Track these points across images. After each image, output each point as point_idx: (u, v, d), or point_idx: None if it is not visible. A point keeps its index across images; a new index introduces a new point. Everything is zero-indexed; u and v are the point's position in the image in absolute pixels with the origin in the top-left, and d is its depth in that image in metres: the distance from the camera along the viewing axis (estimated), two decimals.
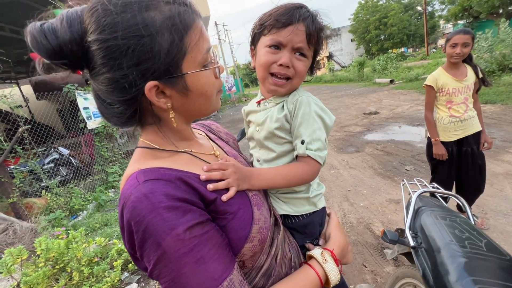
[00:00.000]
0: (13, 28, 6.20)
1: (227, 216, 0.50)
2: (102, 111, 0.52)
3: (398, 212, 2.70)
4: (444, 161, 2.08)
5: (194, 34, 0.48)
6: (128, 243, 0.45)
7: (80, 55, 0.44)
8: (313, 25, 0.63)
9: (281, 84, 0.66)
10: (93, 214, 3.85)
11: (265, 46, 0.66)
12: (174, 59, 0.46)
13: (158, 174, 0.46)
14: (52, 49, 0.42)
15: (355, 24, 34.52)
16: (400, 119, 6.20)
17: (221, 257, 0.45)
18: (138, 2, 0.43)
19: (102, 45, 0.42)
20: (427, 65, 14.28)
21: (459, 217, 1.17)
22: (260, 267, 0.55)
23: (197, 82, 0.51)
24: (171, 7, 0.46)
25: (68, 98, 4.79)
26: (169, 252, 0.41)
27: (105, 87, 0.47)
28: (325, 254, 0.61)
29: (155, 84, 0.46)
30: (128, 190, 0.44)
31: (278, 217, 0.66)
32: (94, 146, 5.15)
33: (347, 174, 3.86)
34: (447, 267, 0.90)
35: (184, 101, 0.52)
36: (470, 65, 2.02)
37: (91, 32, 0.43)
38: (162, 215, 0.41)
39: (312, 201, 0.72)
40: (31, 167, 3.84)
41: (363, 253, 2.23)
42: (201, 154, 0.60)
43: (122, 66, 0.44)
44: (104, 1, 0.42)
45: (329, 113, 0.69)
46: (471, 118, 2.02)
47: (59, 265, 2.18)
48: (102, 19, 0.42)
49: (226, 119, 12.32)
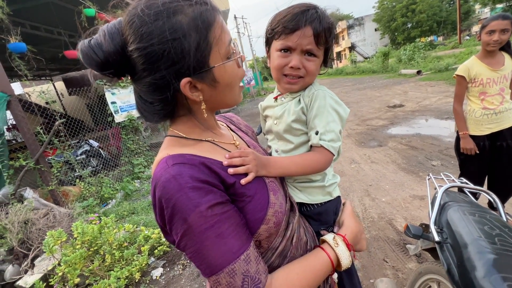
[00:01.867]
0: (47, 28, 6.62)
1: (245, 199, 0.55)
2: (144, 110, 0.57)
3: (423, 208, 2.60)
4: (474, 156, 1.97)
5: (216, 30, 0.52)
6: (159, 217, 0.51)
7: (123, 63, 0.51)
8: (320, 26, 0.66)
9: (294, 82, 0.71)
10: (121, 203, 4.10)
11: (277, 50, 0.70)
12: (202, 55, 0.51)
13: (184, 159, 0.52)
14: (100, 62, 0.49)
15: (379, 12, 32.86)
16: (427, 112, 5.89)
17: (238, 234, 0.50)
18: (166, 9, 0.48)
19: (142, 53, 0.48)
20: (459, 54, 13.33)
21: (490, 213, 1.12)
22: (275, 248, 0.59)
23: (224, 73, 0.56)
24: (194, 8, 0.50)
25: (97, 93, 5.08)
26: (194, 227, 0.46)
27: (146, 89, 0.53)
28: (337, 238, 0.65)
29: (189, 80, 0.51)
30: (159, 172, 0.50)
31: (295, 203, 0.70)
32: (121, 138, 5.43)
33: (369, 168, 3.77)
34: (474, 263, 0.88)
35: (213, 93, 0.57)
36: (508, 52, 1.87)
37: (131, 42, 0.49)
38: (187, 194, 0.46)
39: (327, 191, 0.75)
40: (67, 158, 4.15)
41: (384, 248, 2.19)
42: (222, 143, 0.65)
43: (160, 68, 0.49)
44: (139, 13, 0.48)
45: (344, 106, 0.72)
46: (508, 110, 1.88)
47: (93, 248, 2.38)
48: (140, 29, 0.47)
49: (245, 112, 12.39)
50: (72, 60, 5.79)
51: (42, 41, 6.95)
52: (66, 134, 4.03)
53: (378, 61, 18.29)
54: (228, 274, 0.47)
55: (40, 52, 5.36)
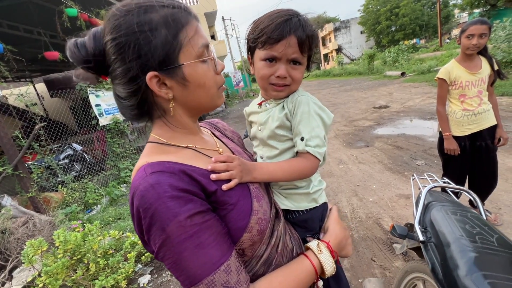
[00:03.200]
0: (27, 28, 6.36)
1: (227, 207, 0.54)
2: (119, 107, 0.59)
3: (408, 207, 2.67)
4: (456, 156, 2.04)
5: (189, 31, 0.54)
6: (137, 227, 0.50)
7: (101, 58, 0.53)
8: (304, 34, 0.65)
9: (280, 90, 0.71)
10: (106, 208, 3.97)
11: (261, 59, 0.69)
12: (170, 51, 0.52)
13: (163, 167, 0.51)
14: (82, 58, 0.52)
15: (365, 16, 33.69)
16: (411, 113, 6.06)
17: (219, 244, 0.49)
18: (138, 7, 0.51)
19: (112, 43, 0.51)
20: (441, 57, 13.84)
21: (470, 212, 1.15)
22: (260, 256, 0.58)
23: (195, 73, 0.55)
24: (167, 10, 0.53)
25: (80, 96, 4.91)
26: (172, 237, 0.46)
27: (118, 81, 0.54)
28: (321, 245, 0.64)
29: (155, 74, 0.52)
30: (137, 181, 0.49)
31: (280, 210, 0.69)
32: (106, 142, 5.28)
33: (356, 169, 3.83)
34: (457, 261, 0.90)
35: (184, 92, 0.56)
36: (485, 56, 1.95)
37: (105, 35, 0.52)
38: (166, 203, 0.46)
39: (313, 197, 0.75)
40: (48, 163, 3.98)
41: (372, 247, 2.23)
42: (205, 150, 0.64)
43: (127, 60, 0.51)
44: (114, 10, 0.52)
45: (328, 111, 0.73)
46: (486, 111, 1.96)
47: (77, 256, 2.28)
48: (112, 22, 0.51)
49: (234, 114, 12.35)
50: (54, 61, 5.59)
51: (22, 41, 6.67)
52: (47, 138, 3.87)
53: (364, 63, 18.71)
54: (207, 286, 0.46)
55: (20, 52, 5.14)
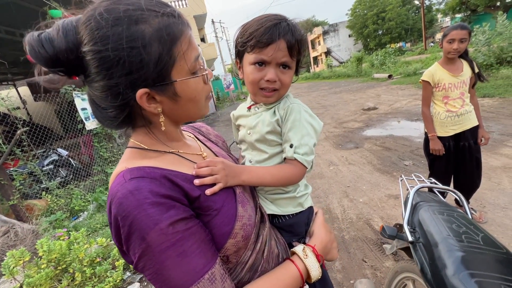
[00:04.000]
0: (9, 30, 6.14)
1: (211, 213, 0.52)
2: (97, 115, 0.54)
3: (397, 207, 2.71)
4: (442, 156, 2.09)
5: (183, 44, 0.51)
6: (115, 237, 0.47)
7: (75, 63, 0.47)
8: (293, 38, 0.66)
9: (270, 95, 0.71)
10: (94, 215, 3.85)
11: (250, 63, 0.69)
12: (163, 68, 0.49)
13: (143, 172, 0.49)
14: (49, 58, 0.45)
15: (352, 19, 34.40)
16: (398, 114, 6.21)
17: (203, 252, 0.47)
18: (128, 17, 0.46)
19: (96, 56, 0.45)
20: (425, 60, 14.26)
21: (456, 211, 1.18)
22: (245, 262, 0.57)
23: (186, 88, 0.53)
24: (160, 20, 0.48)
25: (66, 99, 4.77)
26: (153, 246, 0.43)
27: (99, 93, 0.49)
28: (307, 249, 0.63)
29: (146, 91, 0.49)
30: (115, 187, 0.46)
31: (265, 214, 0.69)
32: (93, 146, 5.14)
33: (347, 170, 3.88)
34: (445, 261, 0.92)
35: (174, 106, 0.54)
36: (466, 60, 2.03)
37: (85, 43, 0.46)
38: (146, 210, 0.43)
39: (299, 202, 0.75)
40: (31, 169, 3.84)
41: (363, 248, 2.25)
42: (188, 155, 0.62)
43: (114, 75, 0.46)
44: (97, 16, 0.45)
45: (318, 120, 0.73)
46: (468, 113, 2.03)
47: (61, 266, 2.20)
48: (95, 32, 0.45)
49: (225, 117, 12.31)
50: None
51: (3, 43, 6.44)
52: (30, 143, 3.74)
53: (352, 65, 19.06)
54: None
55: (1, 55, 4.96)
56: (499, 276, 0.82)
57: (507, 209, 2.35)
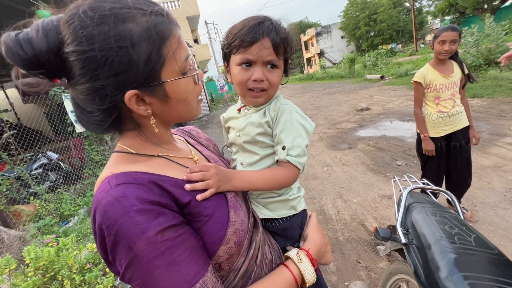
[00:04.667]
0: None
1: (201, 219, 0.51)
2: (81, 119, 0.51)
3: (391, 207, 2.73)
4: (434, 156, 2.11)
5: (172, 44, 0.49)
6: (100, 247, 0.45)
7: (57, 65, 0.45)
8: (277, 37, 0.65)
9: (259, 95, 0.70)
10: (84, 220, 3.77)
11: (237, 64, 0.68)
12: (153, 69, 0.47)
13: (130, 178, 0.47)
14: (28, 59, 0.43)
15: (345, 21, 34.81)
16: (391, 115, 6.28)
17: (194, 260, 0.45)
18: (115, 15, 0.43)
19: (80, 57, 0.43)
20: (416, 61, 14.49)
21: (449, 212, 1.18)
22: (238, 269, 0.56)
23: (177, 89, 0.52)
24: (148, 19, 0.46)
25: (55, 101, 4.67)
26: (140, 256, 0.41)
27: (84, 96, 0.47)
28: (301, 254, 0.62)
29: (135, 93, 0.47)
30: (100, 194, 0.44)
31: (258, 219, 0.67)
32: (84, 149, 5.04)
33: (340, 171, 3.89)
34: (438, 263, 0.91)
35: (164, 108, 0.53)
36: (456, 61, 2.05)
37: (68, 43, 0.43)
38: (133, 218, 0.41)
39: (291, 205, 0.74)
40: (18, 173, 3.73)
41: (357, 249, 2.25)
42: (178, 158, 0.60)
43: (101, 77, 0.44)
44: (80, 14, 0.42)
45: (309, 121, 0.73)
46: (459, 113, 2.05)
47: (50, 273, 2.13)
48: (80, 31, 0.42)
49: (218, 118, 12.17)
50: None
51: None
52: (18, 147, 3.63)
53: (345, 66, 19.23)
54: None
55: None
56: (492, 278, 0.81)
57: (498, 207, 2.38)
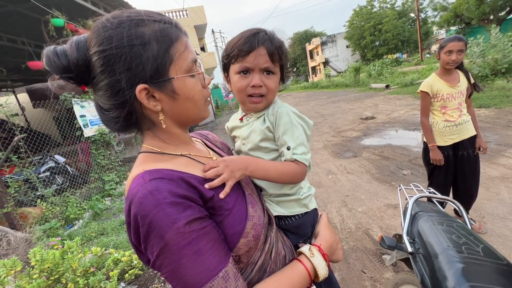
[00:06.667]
0: (10, 37, 6.20)
1: (223, 212, 0.55)
2: (102, 119, 0.58)
3: (397, 217, 2.69)
4: (441, 166, 2.09)
5: (179, 46, 0.55)
6: (134, 236, 0.49)
7: (84, 69, 0.52)
8: (272, 45, 0.71)
9: (258, 101, 0.75)
10: (89, 223, 3.79)
11: (236, 73, 0.74)
12: (161, 65, 0.53)
13: (162, 173, 0.51)
14: (62, 67, 0.51)
15: (350, 31, 35.07)
16: (396, 124, 6.25)
17: (217, 251, 0.49)
18: (130, 20, 0.52)
19: (101, 55, 0.50)
20: (422, 70, 14.48)
21: (456, 222, 1.17)
22: (255, 262, 0.59)
23: (184, 87, 0.57)
24: (158, 25, 0.54)
25: (65, 106, 4.77)
26: (171, 244, 0.45)
27: (103, 93, 0.53)
28: (313, 249, 0.65)
29: (145, 86, 0.52)
30: (135, 188, 0.48)
31: (272, 216, 0.71)
32: (90, 153, 5.11)
33: (345, 179, 3.86)
34: (445, 273, 0.90)
35: (173, 105, 0.57)
36: (462, 70, 2.06)
37: (92, 46, 0.51)
38: (165, 210, 0.45)
39: (303, 203, 0.78)
40: (27, 176, 3.79)
41: (362, 259, 2.21)
42: (198, 157, 0.65)
43: (116, 71, 0.50)
44: (104, 21, 0.51)
45: (307, 119, 0.77)
46: (466, 122, 2.05)
47: (54, 276, 2.14)
48: (102, 34, 0.50)
49: (223, 125, 12.24)
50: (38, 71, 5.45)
51: (4, 51, 6.48)
52: (27, 150, 3.71)
53: (350, 75, 19.30)
54: None
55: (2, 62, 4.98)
56: None
57: (507, 219, 2.34)
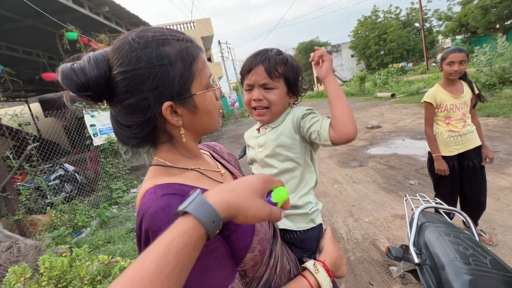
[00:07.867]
0: (26, 50, 6.47)
1: (231, 227, 0.55)
2: (120, 134, 0.58)
3: (404, 227, 2.65)
4: (447, 176, 2.08)
5: (199, 63, 0.58)
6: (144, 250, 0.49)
7: (104, 87, 0.53)
8: (269, 64, 0.81)
9: (261, 113, 0.85)
10: (96, 231, 3.83)
11: (244, 89, 0.88)
12: (185, 83, 0.56)
13: (173, 189, 0.52)
14: (81, 84, 0.51)
15: (355, 41, 35.32)
16: (402, 133, 6.21)
17: (224, 267, 0.50)
18: (156, 40, 0.54)
19: (128, 75, 0.51)
20: (428, 79, 14.43)
21: (463, 233, 1.16)
22: (260, 277, 0.59)
23: (204, 101, 0.59)
24: (181, 43, 0.56)
25: (76, 116, 4.92)
26: None
27: (125, 111, 0.55)
28: (317, 264, 0.66)
29: (170, 104, 0.54)
30: (147, 203, 0.50)
31: (277, 230, 0.71)
32: (99, 162, 5.21)
33: (351, 189, 3.84)
34: (452, 284, 0.90)
35: (193, 119, 0.59)
36: (466, 81, 2.07)
37: (117, 66, 0.52)
38: None
39: (310, 217, 0.80)
40: (37, 184, 3.88)
41: (369, 270, 2.18)
42: (208, 172, 0.66)
43: (143, 90, 0.52)
44: (130, 41, 0.53)
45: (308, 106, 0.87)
46: (470, 132, 2.04)
47: (62, 283, 2.16)
48: (129, 54, 0.52)
49: (229, 134, 12.42)
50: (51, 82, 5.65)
51: (19, 62, 6.75)
52: (39, 158, 3.81)
53: (355, 84, 19.34)
54: None
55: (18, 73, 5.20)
56: None
57: None
